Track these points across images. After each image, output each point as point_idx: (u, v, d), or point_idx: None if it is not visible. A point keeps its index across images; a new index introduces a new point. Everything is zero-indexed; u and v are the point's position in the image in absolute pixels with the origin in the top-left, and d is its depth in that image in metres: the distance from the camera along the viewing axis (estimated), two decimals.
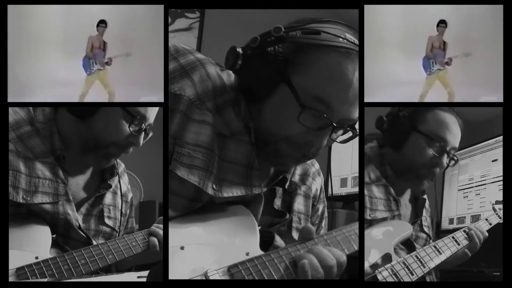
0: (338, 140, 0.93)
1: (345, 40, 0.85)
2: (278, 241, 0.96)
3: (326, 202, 1.15)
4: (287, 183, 1.02)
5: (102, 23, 1.20)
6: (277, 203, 1.00)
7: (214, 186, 0.88)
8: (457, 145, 1.30)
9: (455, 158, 1.31)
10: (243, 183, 0.91)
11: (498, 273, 1.60)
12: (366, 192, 1.24)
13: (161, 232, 1.17)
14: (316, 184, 1.10)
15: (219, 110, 0.90)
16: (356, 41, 0.87)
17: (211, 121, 0.89)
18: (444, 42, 1.22)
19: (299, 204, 1.04)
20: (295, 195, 1.04)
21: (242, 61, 0.87)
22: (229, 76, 0.93)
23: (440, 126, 1.27)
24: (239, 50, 0.87)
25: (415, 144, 1.28)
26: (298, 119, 0.85)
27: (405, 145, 1.29)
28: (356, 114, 0.89)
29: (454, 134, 1.28)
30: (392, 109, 1.32)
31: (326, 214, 1.14)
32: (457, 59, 1.22)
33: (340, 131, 0.93)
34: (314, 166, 1.12)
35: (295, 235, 1.01)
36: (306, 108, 0.84)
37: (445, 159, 1.28)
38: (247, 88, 0.90)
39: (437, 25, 1.21)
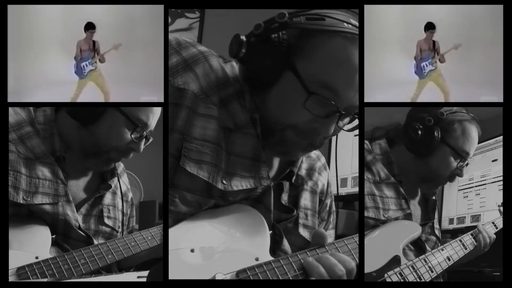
0: (345, 128, 0.91)
1: (349, 25, 0.84)
2: (286, 244, 0.96)
3: (333, 197, 1.13)
4: (294, 177, 1.01)
5: (91, 28, 1.17)
6: (284, 198, 0.99)
7: (223, 181, 0.88)
8: (472, 153, 1.33)
9: (468, 164, 1.34)
10: (251, 176, 0.91)
11: (498, 273, 1.60)
12: (377, 192, 1.24)
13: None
14: (323, 179, 1.09)
15: (224, 103, 0.89)
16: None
17: (216, 115, 0.88)
18: (434, 42, 1.21)
19: (305, 199, 1.03)
20: (302, 191, 1.03)
21: (246, 49, 0.85)
22: (232, 68, 0.93)
23: (466, 140, 1.29)
24: (243, 38, 0.86)
25: (443, 156, 1.29)
26: (304, 106, 0.83)
27: (431, 155, 1.29)
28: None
29: (475, 145, 1.32)
30: (428, 120, 1.29)
31: (334, 208, 1.13)
32: (451, 53, 1.21)
33: (347, 119, 0.91)
34: (320, 160, 1.11)
35: (302, 231, 1.00)
36: (313, 94, 0.83)
37: (464, 170, 1.31)
38: (252, 76, 0.88)
39: (426, 29, 1.20)
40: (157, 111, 1.17)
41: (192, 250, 0.82)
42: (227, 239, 0.87)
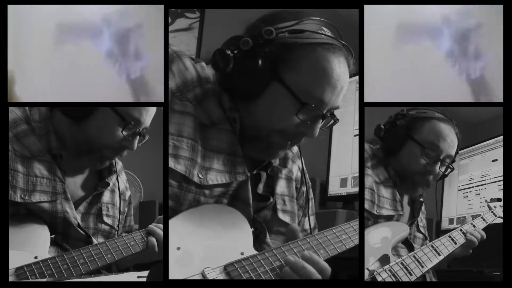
0: (323, 128, 0.97)
1: (322, 35, 0.90)
2: (269, 238, 0.99)
3: (310, 183, 1.16)
4: (270, 168, 1.05)
5: None
6: (260, 187, 1.02)
7: (199, 175, 0.90)
8: (452, 153, 1.34)
9: (451, 167, 1.35)
10: (227, 171, 0.94)
11: (498, 273, 1.60)
12: (376, 190, 1.28)
13: (159, 231, 1.17)
14: (296, 166, 1.13)
15: (199, 100, 0.93)
16: (331, 34, 0.91)
17: (192, 111, 0.92)
18: None
19: (281, 187, 1.07)
20: (277, 179, 1.07)
21: (233, 64, 0.89)
22: (202, 69, 0.96)
23: (435, 135, 1.31)
24: (229, 53, 0.89)
25: (410, 152, 1.32)
26: (297, 116, 0.90)
27: (400, 152, 1.33)
28: (338, 101, 0.94)
29: (449, 143, 1.32)
30: (389, 117, 1.37)
31: (311, 195, 1.17)
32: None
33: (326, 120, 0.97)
34: (293, 149, 1.13)
35: (281, 216, 1.04)
36: (305, 105, 0.89)
37: (437, 167, 1.31)
38: (236, 87, 0.92)
39: None
40: (152, 108, 1.17)
41: (178, 248, 0.84)
42: (211, 237, 0.89)
